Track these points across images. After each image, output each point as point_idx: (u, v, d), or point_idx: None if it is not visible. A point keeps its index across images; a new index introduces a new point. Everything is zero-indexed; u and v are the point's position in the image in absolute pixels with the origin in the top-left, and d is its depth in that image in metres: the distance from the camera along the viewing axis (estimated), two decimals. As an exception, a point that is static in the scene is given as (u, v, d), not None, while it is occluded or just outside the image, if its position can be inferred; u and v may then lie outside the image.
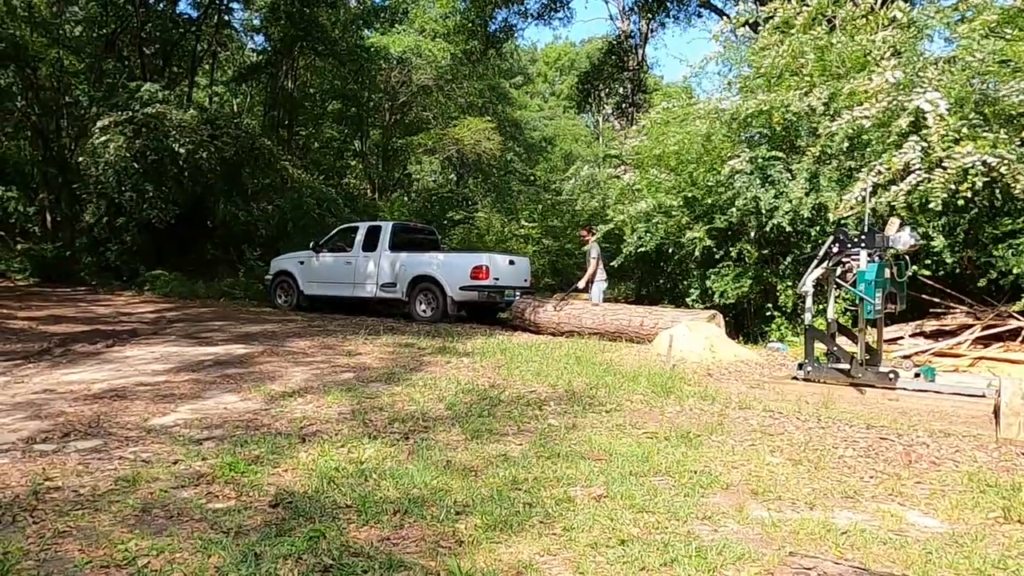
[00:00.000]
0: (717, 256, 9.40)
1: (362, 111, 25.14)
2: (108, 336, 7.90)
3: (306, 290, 12.23)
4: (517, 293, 10.77)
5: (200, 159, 15.71)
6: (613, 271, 11.39)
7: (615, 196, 11.17)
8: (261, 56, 23.49)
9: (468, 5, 22.44)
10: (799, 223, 8.49)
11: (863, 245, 5.87)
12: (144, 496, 2.95)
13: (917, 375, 6.07)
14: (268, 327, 9.29)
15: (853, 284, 5.94)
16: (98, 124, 15.76)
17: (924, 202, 7.42)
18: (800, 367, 6.26)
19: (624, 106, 23.28)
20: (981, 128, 7.40)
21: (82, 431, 3.95)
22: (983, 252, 7.77)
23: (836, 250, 6.07)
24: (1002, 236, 7.55)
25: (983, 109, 7.66)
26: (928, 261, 7.91)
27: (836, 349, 6.18)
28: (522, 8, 21.55)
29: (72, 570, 2.29)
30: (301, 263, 12.35)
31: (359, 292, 11.66)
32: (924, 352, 7.72)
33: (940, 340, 7.85)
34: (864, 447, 4.05)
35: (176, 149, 15.32)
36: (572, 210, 14.69)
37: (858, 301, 6.00)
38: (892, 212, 7.33)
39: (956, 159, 7.09)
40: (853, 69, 8.75)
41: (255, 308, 12.69)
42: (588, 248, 10.73)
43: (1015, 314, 7.59)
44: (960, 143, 7.23)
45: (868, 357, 6.05)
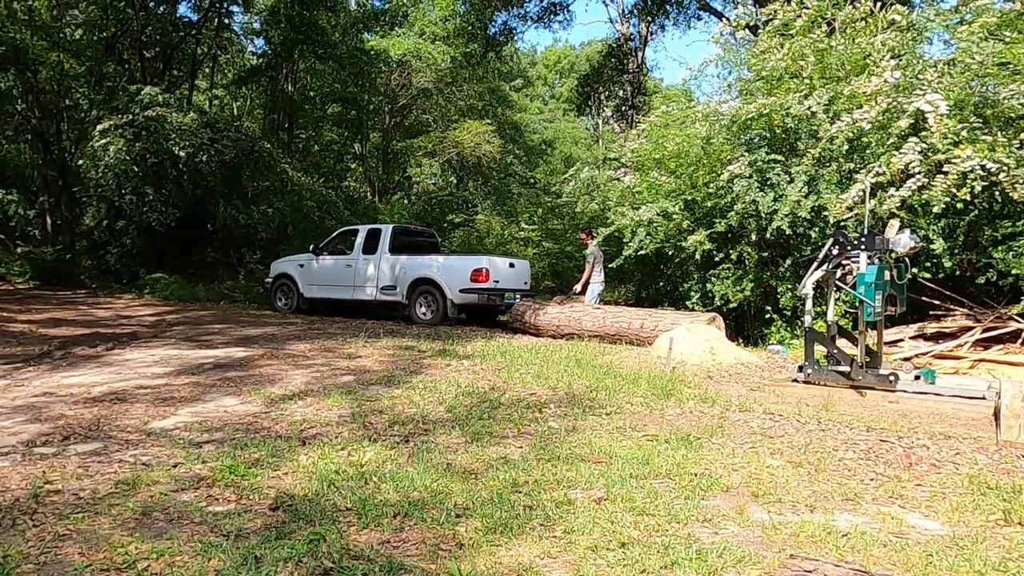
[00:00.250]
0: (717, 259, 9.40)
1: (362, 114, 25.17)
2: (108, 339, 7.90)
3: (306, 293, 12.23)
4: (517, 296, 10.78)
5: (200, 162, 15.73)
6: (613, 273, 11.39)
7: (616, 199, 11.17)
8: (261, 59, 23.52)
9: (468, 8, 22.47)
10: (799, 225, 8.49)
11: (863, 247, 5.88)
12: (144, 499, 2.95)
13: (917, 377, 6.07)
14: (268, 330, 9.29)
15: (853, 286, 5.94)
16: (98, 127, 15.78)
17: (924, 204, 7.42)
18: (800, 369, 6.26)
19: (624, 109, 23.30)
20: (980, 131, 7.41)
21: (82, 434, 3.95)
22: (983, 254, 7.78)
23: (836, 252, 6.07)
24: (1002, 238, 7.56)
25: (983, 111, 7.67)
26: (928, 263, 7.91)
27: (836, 351, 6.18)
28: (522, 11, 21.60)
29: (72, 573, 2.29)
30: (301, 266, 12.36)
31: (359, 295, 11.66)
32: (924, 354, 7.72)
33: (940, 342, 7.85)
34: (864, 449, 4.05)
35: (176, 152, 15.34)
36: (572, 212, 14.70)
37: (858, 303, 6.00)
38: (892, 215, 7.34)
39: (956, 164, 7.10)
40: (852, 72, 8.76)
41: (255, 311, 12.70)
42: (587, 251, 10.78)
43: (1015, 316, 7.59)
44: (959, 146, 7.24)
45: (868, 359, 6.05)
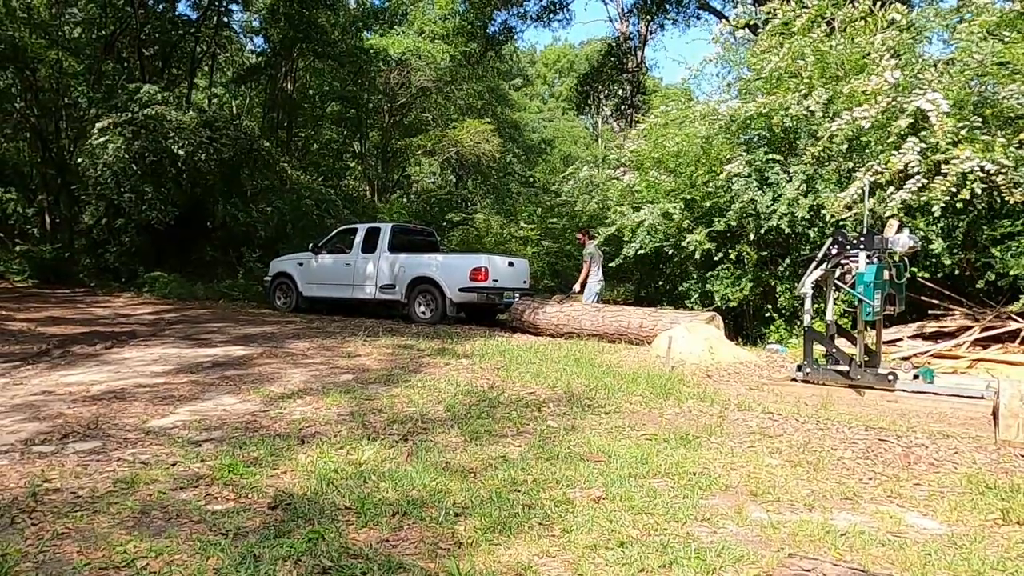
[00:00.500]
0: (716, 258, 9.41)
1: (361, 113, 25.15)
2: (107, 338, 7.89)
3: (305, 292, 12.23)
4: (516, 295, 10.78)
5: (199, 160, 15.71)
6: (612, 272, 11.39)
7: (615, 198, 11.18)
8: (260, 58, 23.49)
9: (467, 7, 22.46)
10: (798, 225, 8.50)
11: (862, 247, 5.88)
12: (143, 498, 2.95)
13: (916, 377, 6.07)
14: (267, 328, 9.29)
15: (852, 286, 5.94)
16: (97, 125, 15.76)
17: (924, 205, 7.42)
18: (799, 369, 6.26)
19: (623, 108, 23.30)
20: (980, 131, 7.42)
21: (81, 433, 3.95)
22: (982, 254, 7.78)
23: (835, 252, 6.07)
24: (1000, 238, 7.56)
25: (982, 111, 7.67)
26: (927, 263, 7.91)
27: (835, 351, 6.18)
28: (521, 10, 21.59)
29: (70, 572, 2.29)
30: (300, 264, 12.35)
31: (358, 294, 11.66)
32: (923, 354, 7.72)
33: (939, 342, 7.86)
34: (863, 449, 4.05)
35: (175, 150, 15.32)
36: (571, 211, 14.69)
37: (857, 303, 6.01)
38: (891, 215, 7.34)
39: (955, 164, 7.10)
40: (852, 72, 8.76)
41: (254, 310, 12.69)
42: (585, 251, 10.82)
43: (1014, 316, 7.60)
44: (959, 146, 7.25)
45: (867, 359, 6.06)
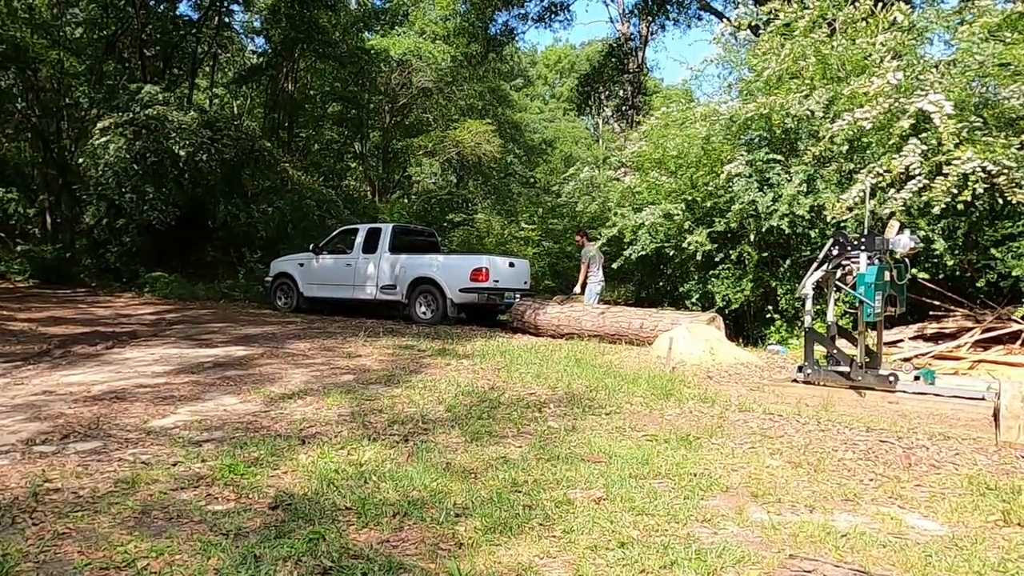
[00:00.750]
0: (717, 259, 9.40)
1: (362, 113, 25.17)
2: (108, 338, 7.90)
3: (306, 292, 12.23)
4: (517, 295, 10.78)
5: (200, 161, 15.72)
6: (613, 273, 11.39)
7: (616, 199, 11.18)
8: (261, 58, 23.51)
9: (468, 8, 22.47)
10: (798, 225, 8.49)
11: (863, 248, 5.88)
12: (144, 498, 2.95)
13: (917, 378, 6.07)
14: (268, 329, 9.29)
15: (853, 287, 5.94)
16: (98, 126, 15.78)
17: (925, 205, 7.42)
18: (800, 370, 6.26)
19: (624, 108, 23.30)
20: (981, 132, 7.41)
21: (81, 433, 3.95)
22: (983, 255, 7.78)
23: (836, 253, 6.07)
24: (1002, 239, 7.56)
25: (983, 112, 7.67)
26: (928, 264, 7.90)
27: (836, 352, 6.18)
28: (522, 11, 21.61)
29: (71, 572, 2.29)
30: (301, 265, 12.36)
31: (359, 294, 11.67)
32: (924, 355, 7.72)
33: (940, 343, 7.85)
34: (864, 450, 4.05)
35: (176, 151, 15.33)
36: (572, 212, 14.70)
37: (858, 304, 6.00)
38: (892, 216, 7.34)
39: (956, 165, 7.10)
40: (853, 72, 8.76)
41: (255, 310, 12.70)
42: (583, 251, 10.86)
43: (1015, 317, 7.59)
44: (960, 147, 7.24)
45: (868, 360, 6.05)
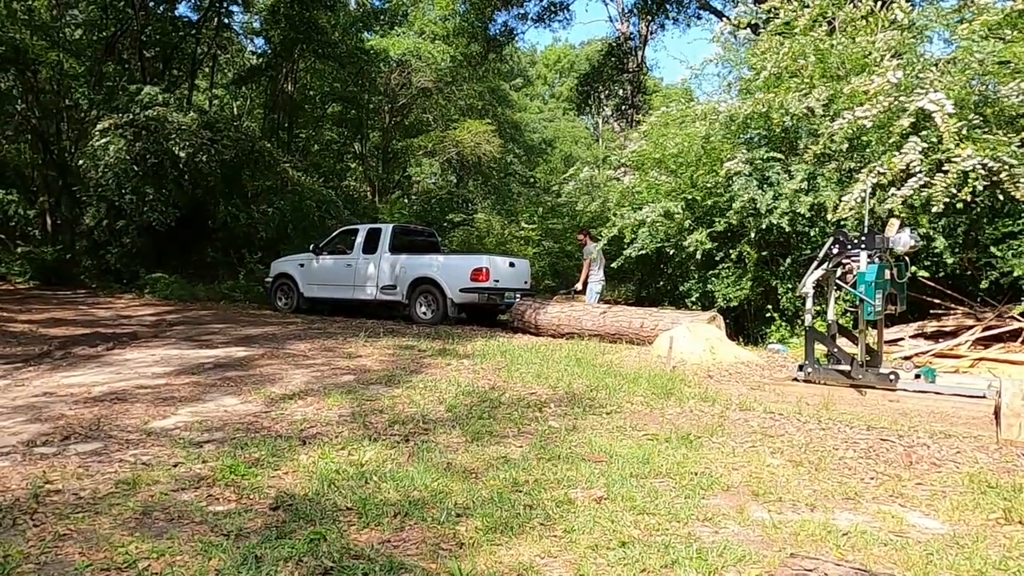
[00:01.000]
0: (717, 258, 9.39)
1: (362, 113, 25.18)
2: (108, 339, 7.89)
3: (306, 292, 12.24)
4: (517, 295, 10.78)
5: (200, 162, 15.73)
6: (613, 273, 11.39)
7: (616, 199, 11.17)
8: (261, 59, 23.52)
9: (467, 8, 22.46)
10: (799, 224, 8.49)
11: (863, 246, 5.88)
12: (144, 499, 2.95)
13: (917, 376, 6.07)
14: (268, 330, 9.29)
15: (853, 285, 5.94)
16: (98, 127, 15.79)
17: (925, 203, 7.42)
18: (800, 368, 6.26)
19: (624, 108, 23.31)
20: (981, 129, 7.40)
21: (82, 434, 3.95)
22: (983, 253, 7.77)
23: (836, 251, 6.07)
24: (1002, 237, 7.55)
25: (983, 110, 7.66)
26: (928, 262, 7.90)
27: (836, 350, 6.18)
28: (522, 11, 21.61)
29: (72, 573, 2.29)
30: (301, 265, 12.36)
31: (359, 294, 11.67)
32: (924, 353, 7.71)
33: (940, 341, 7.84)
34: (865, 448, 4.05)
35: (176, 152, 15.34)
36: (572, 212, 14.69)
37: (858, 302, 6.00)
38: (891, 214, 7.33)
39: (956, 163, 7.09)
40: (852, 71, 8.75)
41: (255, 311, 12.70)
42: (585, 250, 10.86)
43: (1015, 315, 7.59)
44: (960, 145, 7.24)
45: (868, 358, 6.05)
